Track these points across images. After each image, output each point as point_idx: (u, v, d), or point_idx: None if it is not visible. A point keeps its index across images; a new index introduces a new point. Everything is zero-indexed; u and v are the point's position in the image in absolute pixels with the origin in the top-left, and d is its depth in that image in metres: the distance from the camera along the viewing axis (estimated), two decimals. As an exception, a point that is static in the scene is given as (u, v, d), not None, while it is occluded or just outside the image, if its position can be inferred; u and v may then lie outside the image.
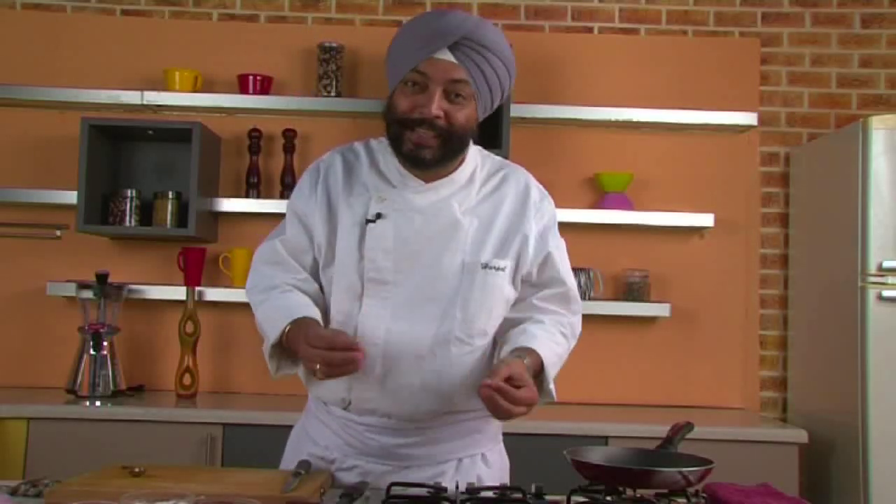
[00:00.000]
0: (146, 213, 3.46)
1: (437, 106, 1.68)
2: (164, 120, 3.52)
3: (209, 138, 3.45)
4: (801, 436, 3.10)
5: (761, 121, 3.61)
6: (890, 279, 3.02)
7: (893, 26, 3.70)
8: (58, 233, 3.48)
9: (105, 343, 3.30)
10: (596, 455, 1.68)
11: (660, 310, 3.48)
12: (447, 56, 1.67)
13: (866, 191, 3.06)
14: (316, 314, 1.74)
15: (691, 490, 1.60)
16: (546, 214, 1.88)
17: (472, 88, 1.71)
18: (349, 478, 1.77)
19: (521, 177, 1.90)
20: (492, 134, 3.42)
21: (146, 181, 3.56)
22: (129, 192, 3.44)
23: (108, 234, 3.53)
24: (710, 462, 1.60)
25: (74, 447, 2.96)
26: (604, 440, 2.99)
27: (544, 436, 3.00)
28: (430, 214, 1.76)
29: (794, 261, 3.62)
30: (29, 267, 3.55)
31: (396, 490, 1.63)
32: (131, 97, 3.47)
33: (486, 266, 1.75)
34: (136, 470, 1.66)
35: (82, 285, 3.33)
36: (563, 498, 1.65)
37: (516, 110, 3.40)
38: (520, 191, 1.86)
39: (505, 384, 1.56)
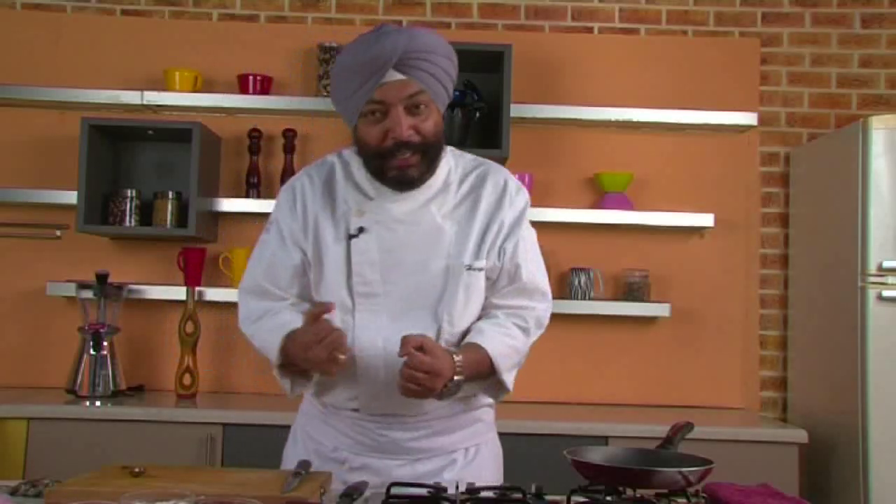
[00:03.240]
0: (146, 213, 3.46)
1: (405, 126, 1.71)
2: (165, 120, 3.52)
3: (209, 138, 3.45)
4: (801, 436, 3.10)
5: (761, 121, 3.61)
6: (890, 279, 3.02)
7: (893, 26, 3.70)
8: (58, 233, 3.48)
9: (105, 343, 3.30)
10: (596, 455, 1.68)
11: (660, 310, 3.48)
12: (396, 76, 1.70)
13: (866, 191, 3.06)
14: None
15: (691, 490, 1.60)
16: (518, 205, 1.88)
17: (429, 95, 1.74)
18: (361, 475, 1.79)
19: (498, 175, 1.90)
20: (492, 134, 3.42)
21: (146, 181, 3.56)
22: (129, 192, 3.44)
23: (108, 234, 3.53)
24: (710, 462, 1.60)
25: (74, 447, 2.96)
26: (604, 440, 2.99)
27: (544, 436, 3.00)
28: (411, 223, 1.79)
29: (794, 261, 3.62)
30: (29, 267, 3.55)
31: (396, 490, 1.63)
32: (131, 97, 3.47)
33: (469, 268, 1.79)
34: (136, 470, 1.67)
35: (82, 285, 3.33)
36: (563, 498, 1.65)
37: (516, 110, 3.40)
38: (497, 188, 1.87)
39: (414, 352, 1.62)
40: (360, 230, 1.78)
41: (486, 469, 1.89)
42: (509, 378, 1.82)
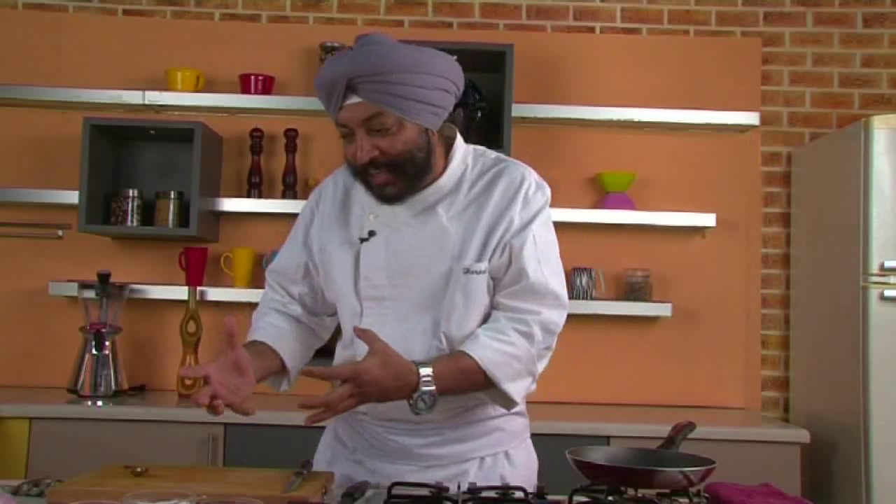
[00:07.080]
0: (148, 213, 3.46)
1: (364, 151, 1.65)
2: (166, 120, 3.53)
3: (211, 138, 3.46)
4: (803, 436, 3.10)
5: (763, 120, 3.60)
6: (892, 279, 3.02)
7: (895, 26, 3.70)
8: (60, 233, 3.48)
9: (107, 343, 3.30)
10: (598, 455, 1.68)
11: (661, 309, 3.48)
12: (353, 99, 1.64)
13: (868, 190, 3.06)
14: (266, 338, 1.83)
15: (693, 490, 1.60)
16: (534, 206, 1.77)
17: (394, 115, 1.64)
18: (374, 479, 1.76)
19: (517, 171, 1.80)
20: (493, 134, 3.42)
21: (148, 181, 3.56)
22: (130, 191, 3.44)
23: (109, 234, 3.54)
24: (712, 462, 1.60)
25: (76, 447, 2.96)
26: (605, 440, 2.99)
27: (546, 436, 2.97)
28: (417, 225, 1.75)
29: (795, 260, 3.62)
30: (31, 267, 3.55)
31: (398, 490, 1.63)
32: (133, 97, 3.47)
33: (467, 271, 1.72)
34: (138, 470, 1.67)
35: (84, 285, 3.33)
36: (564, 498, 1.65)
37: (518, 110, 3.40)
38: (511, 186, 1.77)
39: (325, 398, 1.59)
40: (371, 234, 1.77)
41: (508, 479, 1.79)
42: (513, 388, 1.70)
